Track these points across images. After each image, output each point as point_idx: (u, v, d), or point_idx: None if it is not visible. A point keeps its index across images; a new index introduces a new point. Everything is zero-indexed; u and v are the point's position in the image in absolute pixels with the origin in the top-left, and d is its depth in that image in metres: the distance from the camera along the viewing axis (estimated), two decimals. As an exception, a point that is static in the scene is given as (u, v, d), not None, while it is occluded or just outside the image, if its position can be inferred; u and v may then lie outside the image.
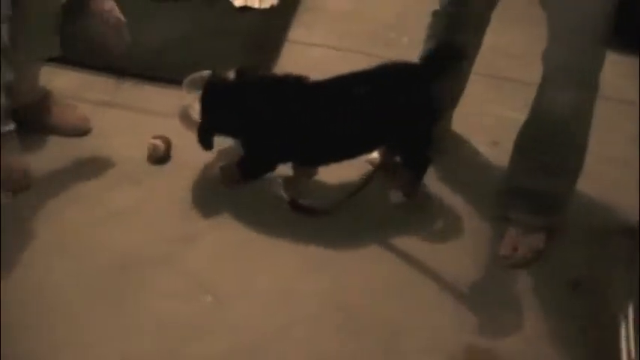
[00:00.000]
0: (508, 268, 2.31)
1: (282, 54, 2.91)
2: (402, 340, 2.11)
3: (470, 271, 2.29)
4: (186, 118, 2.47)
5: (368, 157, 2.50)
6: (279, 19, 3.00)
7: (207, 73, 2.64)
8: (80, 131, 2.53)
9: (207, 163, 2.45)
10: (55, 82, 2.68)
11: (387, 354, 2.07)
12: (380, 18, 3.19)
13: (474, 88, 2.60)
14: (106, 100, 2.65)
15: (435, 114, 2.37)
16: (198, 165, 2.49)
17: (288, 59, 2.87)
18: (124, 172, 2.45)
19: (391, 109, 2.29)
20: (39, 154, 2.46)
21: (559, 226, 2.38)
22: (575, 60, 2.11)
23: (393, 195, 2.46)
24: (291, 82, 2.31)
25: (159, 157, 2.48)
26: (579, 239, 2.41)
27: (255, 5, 2.86)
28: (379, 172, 2.44)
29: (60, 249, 2.21)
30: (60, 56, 2.42)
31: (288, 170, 2.41)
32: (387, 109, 2.29)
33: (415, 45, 2.42)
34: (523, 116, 2.36)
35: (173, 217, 2.35)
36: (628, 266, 2.00)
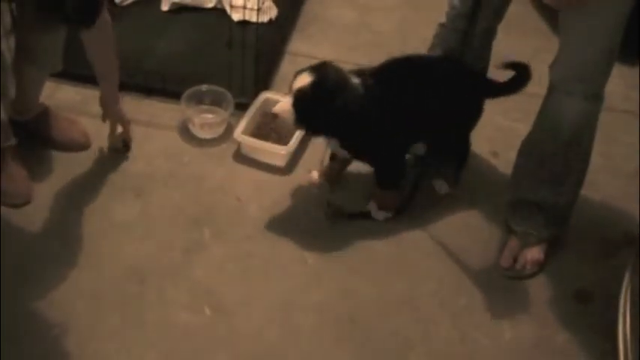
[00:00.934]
0: (509, 279, 2.31)
1: (283, 66, 2.91)
2: (407, 353, 2.11)
3: (474, 282, 2.29)
4: (186, 131, 2.47)
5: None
6: (278, 31, 3.00)
7: (205, 87, 2.66)
8: (81, 146, 2.54)
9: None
10: (57, 96, 2.69)
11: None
12: (380, 29, 3.20)
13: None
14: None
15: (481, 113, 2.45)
16: (201, 178, 2.50)
17: (288, 71, 2.87)
18: (127, 184, 2.45)
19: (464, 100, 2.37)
20: (41, 168, 2.46)
21: (561, 238, 2.38)
22: (587, 70, 2.11)
23: (438, 186, 2.49)
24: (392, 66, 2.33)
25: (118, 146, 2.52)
26: (583, 250, 2.41)
27: (254, 19, 2.86)
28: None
29: (66, 261, 2.22)
30: (61, 71, 2.43)
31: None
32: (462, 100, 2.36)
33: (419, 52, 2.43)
34: (522, 126, 2.37)
35: (176, 229, 2.35)
36: (631, 276, 2.00)
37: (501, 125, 2.76)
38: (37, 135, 2.52)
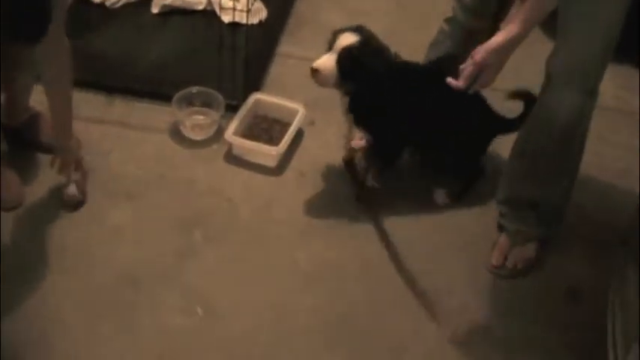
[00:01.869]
0: (500, 278, 2.32)
1: (273, 68, 2.91)
2: (400, 355, 2.12)
3: (465, 281, 2.30)
4: (177, 134, 2.47)
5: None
6: (268, 33, 3.00)
7: (196, 89, 2.66)
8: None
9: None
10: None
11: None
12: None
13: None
14: (98, 117, 2.65)
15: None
16: (192, 181, 2.50)
17: (278, 73, 2.88)
18: (118, 188, 2.45)
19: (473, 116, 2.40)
20: (30, 171, 2.45)
21: (552, 236, 2.39)
22: (585, 65, 2.10)
23: (437, 195, 2.50)
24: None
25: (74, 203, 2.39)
26: (574, 249, 2.42)
27: (244, 21, 2.87)
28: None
29: (58, 267, 2.22)
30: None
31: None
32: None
33: (408, 57, 2.43)
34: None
35: (168, 232, 2.35)
36: (621, 275, 2.01)
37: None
38: (27, 139, 2.51)
